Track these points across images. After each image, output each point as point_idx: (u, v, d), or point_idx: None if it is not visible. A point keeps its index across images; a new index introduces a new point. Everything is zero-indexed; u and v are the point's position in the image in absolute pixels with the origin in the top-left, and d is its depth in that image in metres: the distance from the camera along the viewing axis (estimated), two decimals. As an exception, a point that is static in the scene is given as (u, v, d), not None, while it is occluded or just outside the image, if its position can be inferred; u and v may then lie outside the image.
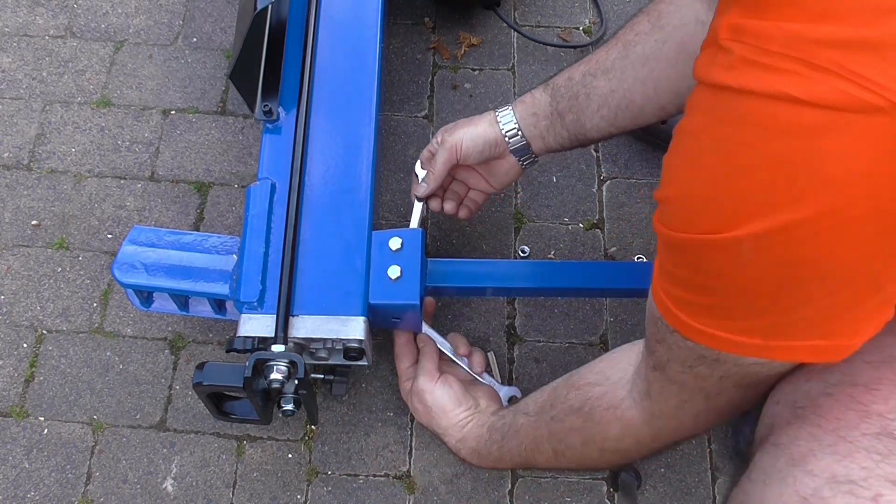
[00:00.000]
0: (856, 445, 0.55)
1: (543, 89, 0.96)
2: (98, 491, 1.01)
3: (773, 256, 0.51)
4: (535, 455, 0.85)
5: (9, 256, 1.15)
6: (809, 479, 0.55)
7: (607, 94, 0.91)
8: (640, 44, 0.90)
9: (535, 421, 0.84)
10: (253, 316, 0.90)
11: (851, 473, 0.54)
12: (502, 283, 0.98)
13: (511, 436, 0.87)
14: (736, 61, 0.49)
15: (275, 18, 1.06)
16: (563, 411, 0.80)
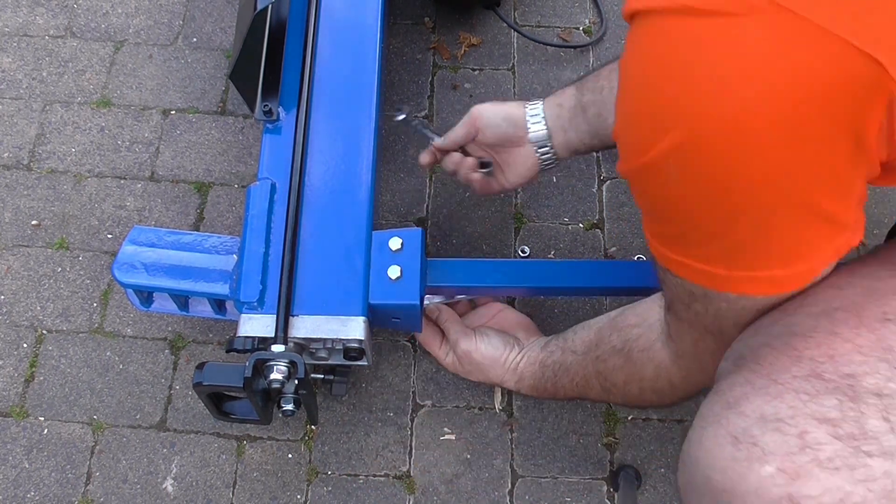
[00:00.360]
0: (785, 387, 0.57)
1: (573, 84, 0.96)
2: (98, 491, 1.01)
3: (694, 171, 0.53)
4: (586, 390, 0.89)
5: (9, 256, 1.15)
6: (741, 419, 0.58)
7: None
8: None
9: (582, 359, 0.88)
10: (253, 316, 0.90)
11: (780, 412, 0.56)
12: (502, 283, 0.98)
13: (562, 373, 0.91)
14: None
15: (275, 18, 1.06)
16: (606, 352, 0.84)
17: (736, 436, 0.57)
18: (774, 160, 0.51)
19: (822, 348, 0.58)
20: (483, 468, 1.03)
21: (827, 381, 0.56)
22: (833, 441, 0.53)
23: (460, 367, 1.01)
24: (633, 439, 1.05)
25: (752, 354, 0.63)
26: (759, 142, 0.50)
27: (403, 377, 1.08)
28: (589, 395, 0.90)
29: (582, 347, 0.89)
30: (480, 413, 1.06)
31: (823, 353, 0.58)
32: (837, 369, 0.56)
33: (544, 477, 1.03)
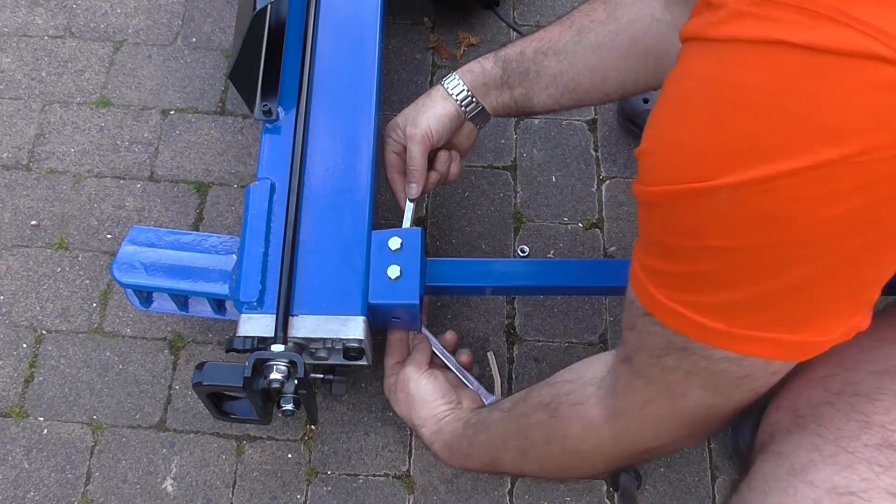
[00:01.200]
0: (857, 456, 0.55)
1: (494, 61, 0.97)
2: (98, 491, 1.01)
3: (749, 209, 0.48)
4: (501, 453, 0.82)
5: (8, 257, 1.15)
6: (810, 489, 0.55)
7: (557, 74, 0.93)
8: (594, 31, 0.91)
9: (507, 416, 0.82)
10: (252, 316, 0.89)
11: (852, 485, 0.54)
12: (502, 283, 0.98)
13: (482, 430, 0.85)
14: (727, 15, 0.47)
15: (274, 18, 1.06)
16: (531, 406, 0.78)
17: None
18: (849, 218, 0.46)
19: (893, 414, 0.55)
20: (483, 468, 1.03)
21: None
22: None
23: (393, 394, 0.96)
24: (633, 439, 1.05)
25: (812, 413, 0.60)
26: (841, 192, 0.45)
27: (403, 377, 1.08)
28: (502, 462, 0.83)
29: (509, 404, 0.83)
30: (480, 413, 1.06)
31: (894, 420, 0.55)
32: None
33: (544, 476, 1.03)
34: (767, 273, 0.50)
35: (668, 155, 0.52)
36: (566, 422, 0.73)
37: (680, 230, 0.53)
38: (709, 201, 0.49)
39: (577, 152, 1.23)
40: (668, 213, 0.53)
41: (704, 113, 0.49)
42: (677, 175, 0.51)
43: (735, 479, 0.98)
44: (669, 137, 0.52)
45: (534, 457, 0.79)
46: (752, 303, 0.52)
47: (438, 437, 0.90)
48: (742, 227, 0.49)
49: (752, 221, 0.48)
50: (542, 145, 1.24)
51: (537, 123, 1.26)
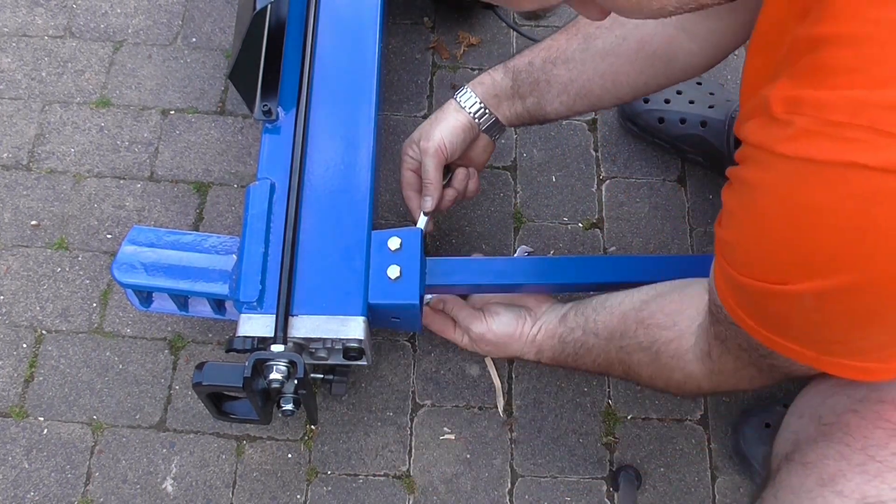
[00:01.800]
0: (886, 465, 0.55)
1: (504, 72, 0.98)
2: (98, 491, 1.01)
3: (835, 309, 0.51)
4: (609, 370, 0.89)
5: (8, 257, 1.15)
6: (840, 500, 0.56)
7: (567, 82, 0.95)
8: (601, 38, 0.92)
9: (605, 344, 0.86)
10: (252, 316, 0.89)
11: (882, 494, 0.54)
12: (502, 281, 0.98)
13: (584, 353, 0.90)
14: (798, 133, 0.48)
15: (274, 18, 1.06)
16: (631, 346, 0.83)
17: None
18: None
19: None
20: (483, 468, 1.03)
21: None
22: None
23: (479, 348, 0.99)
24: (633, 439, 1.05)
25: (837, 421, 0.60)
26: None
27: (403, 377, 1.08)
28: (612, 373, 0.91)
29: (605, 333, 0.87)
30: (480, 413, 1.06)
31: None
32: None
33: (544, 477, 1.03)
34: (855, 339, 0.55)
35: (750, 255, 0.56)
36: (668, 369, 0.80)
37: (769, 310, 0.57)
38: (794, 301, 0.53)
39: (577, 152, 1.23)
40: (754, 295, 0.57)
41: (782, 231, 0.51)
42: (762, 275, 0.54)
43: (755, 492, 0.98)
44: (751, 242, 0.55)
45: (638, 381, 0.87)
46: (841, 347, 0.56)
47: (542, 356, 0.95)
48: (828, 319, 0.53)
49: (837, 316, 0.52)
50: (542, 145, 1.24)
51: (537, 123, 1.26)
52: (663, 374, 0.80)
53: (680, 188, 1.21)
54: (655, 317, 0.81)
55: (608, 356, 0.87)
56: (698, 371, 0.76)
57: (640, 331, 0.82)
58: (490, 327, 0.96)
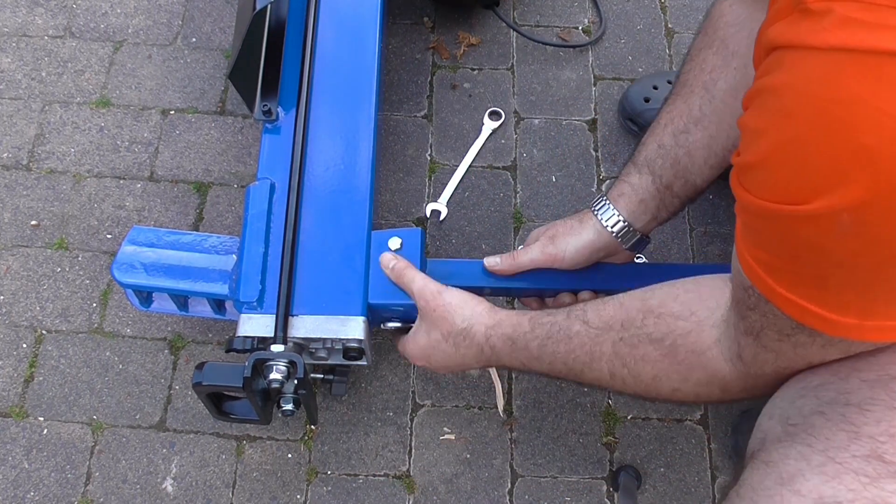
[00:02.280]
0: (844, 467, 0.54)
1: (638, 172, 0.89)
2: (98, 491, 1.01)
3: (874, 229, 0.46)
4: (585, 369, 0.77)
5: (8, 257, 1.15)
6: (797, 499, 0.55)
7: (709, 143, 0.85)
8: (721, 79, 0.84)
9: (597, 335, 0.76)
10: (252, 316, 0.89)
11: (839, 495, 0.54)
12: (502, 284, 0.98)
13: (561, 339, 0.78)
14: (836, 22, 0.44)
15: (274, 18, 1.06)
16: (637, 337, 0.73)
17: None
18: None
19: (882, 426, 0.55)
20: (483, 468, 1.03)
21: (888, 463, 0.53)
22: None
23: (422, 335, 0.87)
24: (633, 439, 1.05)
25: (804, 423, 0.59)
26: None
27: (403, 377, 1.08)
28: (583, 376, 0.78)
29: (597, 321, 0.76)
30: (480, 413, 1.06)
31: (884, 432, 0.55)
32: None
33: (544, 477, 1.03)
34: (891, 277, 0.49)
35: (778, 171, 0.50)
36: (686, 367, 0.70)
37: (801, 245, 0.51)
38: (831, 224, 0.48)
39: (577, 152, 1.23)
40: (787, 229, 0.52)
41: (815, 131, 0.46)
42: (793, 194, 0.49)
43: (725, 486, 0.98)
44: (779, 154, 0.50)
45: (631, 384, 0.75)
46: (882, 301, 0.51)
47: (497, 331, 0.82)
48: (867, 247, 0.48)
49: (877, 240, 0.47)
50: (542, 145, 1.24)
51: (537, 123, 1.26)
52: (678, 372, 0.71)
53: (680, 188, 1.21)
54: (667, 305, 0.72)
55: (595, 348, 0.75)
56: (727, 372, 0.68)
57: (650, 320, 0.72)
58: (449, 289, 0.85)
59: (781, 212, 0.50)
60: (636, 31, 1.35)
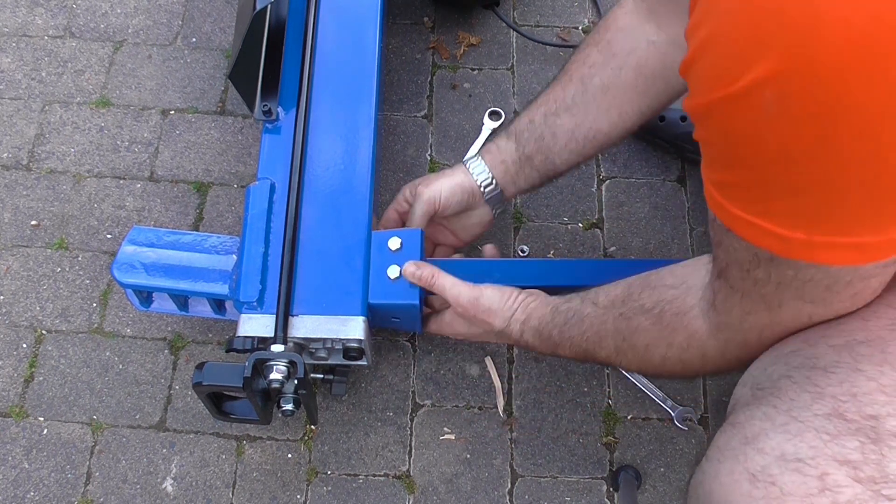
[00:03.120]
0: (806, 425, 0.56)
1: (506, 138, 0.98)
2: (98, 491, 1.01)
3: (798, 104, 0.45)
4: (595, 348, 0.82)
5: (8, 257, 1.15)
6: (760, 456, 0.56)
7: (573, 128, 0.93)
8: (597, 75, 0.91)
9: (603, 313, 0.81)
10: (252, 316, 0.90)
11: (800, 452, 0.55)
12: (501, 283, 0.98)
13: (575, 323, 0.83)
14: None
15: (274, 18, 1.06)
16: (632, 309, 0.77)
17: (754, 473, 0.56)
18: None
19: (845, 386, 0.56)
20: (483, 468, 1.03)
21: (849, 421, 0.54)
22: (853, 484, 0.52)
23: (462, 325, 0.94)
24: (633, 439, 1.05)
25: (771, 386, 0.61)
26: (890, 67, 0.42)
27: (403, 377, 1.08)
28: (596, 355, 0.82)
29: (605, 301, 0.81)
30: (480, 413, 1.06)
31: (846, 392, 0.56)
32: (860, 409, 0.55)
33: (544, 476, 1.03)
34: (836, 169, 0.48)
35: (707, 60, 0.50)
36: (670, 331, 0.73)
37: (735, 138, 0.51)
38: (755, 102, 0.47)
39: (577, 152, 1.23)
40: (720, 123, 0.52)
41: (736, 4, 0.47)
42: (720, 78, 0.49)
43: None
44: (706, 38, 0.50)
45: (632, 357, 0.79)
46: (827, 205, 0.50)
47: (528, 325, 0.89)
48: (795, 129, 0.47)
49: (803, 120, 0.46)
50: (542, 145, 1.24)
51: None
52: (664, 338, 0.73)
53: (680, 188, 1.21)
54: (664, 279, 0.76)
55: (602, 327, 0.80)
56: (703, 327, 0.70)
57: (646, 293, 0.76)
58: (483, 291, 0.90)
59: (714, 101, 0.50)
60: (636, 31, 1.35)
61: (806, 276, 0.57)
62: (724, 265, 0.63)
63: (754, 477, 0.56)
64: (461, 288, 0.91)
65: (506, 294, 0.90)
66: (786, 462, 0.55)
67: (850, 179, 0.48)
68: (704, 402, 1.07)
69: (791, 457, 0.55)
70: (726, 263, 0.62)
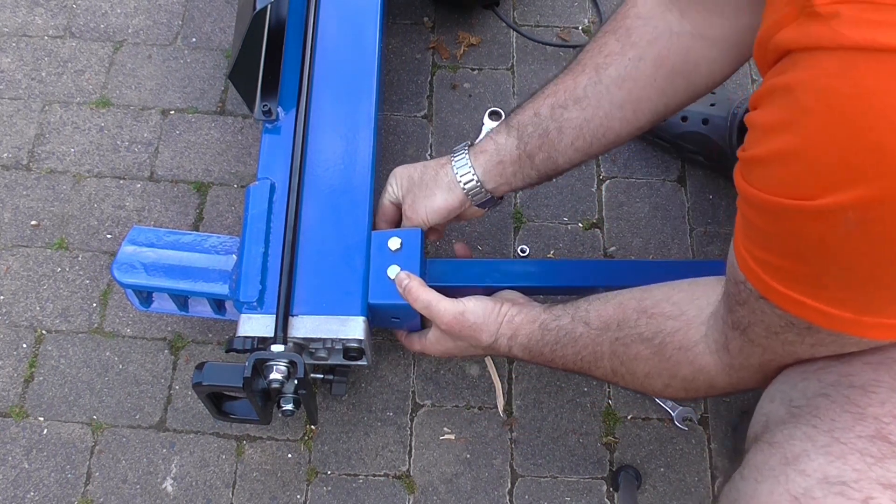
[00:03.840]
0: (849, 447, 0.55)
1: (507, 132, 0.90)
2: (98, 491, 1.01)
3: (881, 229, 0.47)
4: (592, 368, 0.81)
5: (8, 257, 1.15)
6: (801, 478, 0.55)
7: (581, 124, 0.86)
8: (613, 65, 0.84)
9: (597, 335, 0.79)
10: (252, 316, 0.89)
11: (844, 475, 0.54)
12: (502, 283, 0.98)
13: (567, 343, 0.82)
14: (846, 23, 0.45)
15: (274, 18, 1.06)
16: (630, 336, 0.75)
17: (796, 496, 0.55)
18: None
19: (887, 406, 0.56)
20: (483, 468, 1.03)
21: (893, 444, 0.54)
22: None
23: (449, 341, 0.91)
24: (633, 439, 1.05)
25: (808, 404, 0.60)
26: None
27: (403, 377, 1.08)
28: (592, 373, 0.82)
29: (598, 322, 0.79)
30: (480, 413, 1.06)
31: (888, 413, 0.55)
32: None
33: (544, 476, 1.03)
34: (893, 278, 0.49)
35: (788, 165, 0.50)
36: (674, 364, 0.72)
37: (800, 241, 0.52)
38: (837, 222, 0.48)
39: (577, 152, 1.23)
40: (788, 224, 0.52)
41: (824, 125, 0.47)
42: (797, 189, 0.49)
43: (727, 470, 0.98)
44: (790, 150, 0.50)
45: (630, 381, 0.78)
46: (880, 299, 0.52)
47: (515, 341, 0.86)
48: (872, 246, 0.48)
49: (883, 241, 0.47)
50: (542, 145, 1.24)
51: (537, 123, 1.26)
52: (667, 369, 0.73)
53: (680, 188, 1.21)
54: (660, 306, 0.74)
55: (597, 349, 0.79)
56: (712, 365, 0.69)
57: (643, 320, 0.75)
58: (467, 305, 0.87)
59: (787, 207, 0.50)
60: (636, 31, 1.35)
61: (849, 343, 0.58)
62: (745, 323, 0.62)
63: (796, 500, 0.55)
64: (445, 304, 0.88)
65: (489, 307, 0.88)
66: (829, 485, 0.54)
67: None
68: (705, 403, 1.07)
69: (835, 480, 0.54)
70: (749, 322, 0.62)
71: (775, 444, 0.59)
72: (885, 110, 0.44)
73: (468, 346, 0.91)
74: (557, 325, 0.83)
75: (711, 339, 0.69)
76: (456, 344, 0.92)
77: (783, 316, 0.57)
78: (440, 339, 0.92)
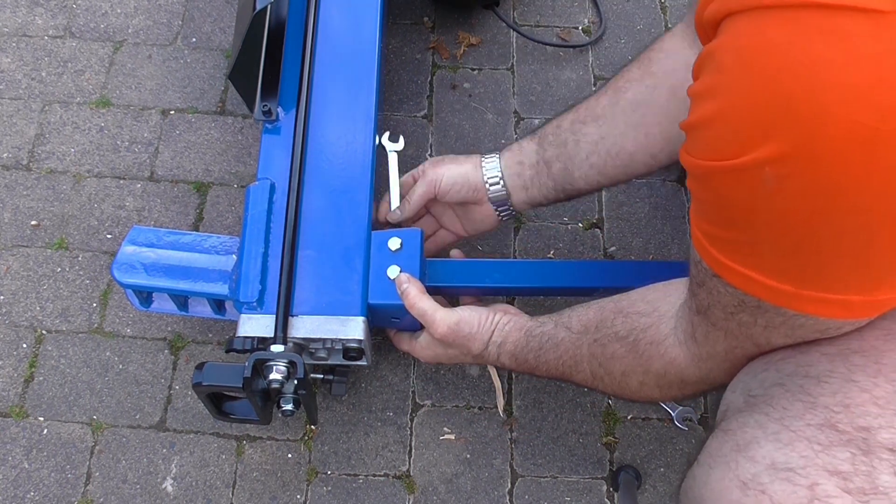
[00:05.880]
0: (798, 435, 0.56)
1: (531, 138, 0.96)
2: (98, 491, 1.01)
3: (800, 185, 0.47)
4: (572, 372, 0.83)
5: (8, 257, 1.15)
6: (750, 464, 0.57)
7: (597, 140, 0.91)
8: (631, 90, 0.89)
9: (577, 338, 0.81)
10: (252, 316, 0.90)
11: (791, 462, 0.55)
12: (502, 283, 0.98)
13: (550, 348, 0.84)
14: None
15: (274, 18, 1.06)
16: (606, 336, 0.78)
17: (745, 481, 0.56)
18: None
19: (838, 396, 0.56)
20: (483, 468, 1.03)
21: (841, 432, 0.55)
22: (843, 494, 0.52)
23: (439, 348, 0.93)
24: (633, 439, 1.05)
25: (764, 394, 0.61)
26: (890, 156, 0.44)
27: (403, 377, 1.08)
28: (573, 379, 0.84)
29: (578, 326, 0.82)
30: (480, 413, 1.06)
31: (839, 402, 0.56)
32: (852, 421, 0.55)
33: (544, 476, 1.03)
34: (824, 241, 0.50)
35: (711, 128, 0.52)
36: (646, 359, 0.74)
37: (729, 204, 0.53)
38: (754, 179, 0.49)
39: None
40: (718, 188, 0.53)
41: (739, 83, 0.48)
42: (720, 149, 0.51)
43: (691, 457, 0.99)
44: (713, 111, 0.51)
45: (609, 382, 0.80)
46: (818, 267, 0.52)
47: (503, 349, 0.89)
48: (792, 203, 0.49)
49: (800, 197, 0.48)
50: (542, 145, 1.24)
51: (537, 123, 1.26)
52: (640, 365, 0.75)
53: (680, 188, 1.21)
54: (636, 305, 0.77)
55: (577, 352, 0.81)
56: (681, 357, 0.71)
57: (619, 320, 0.77)
58: (462, 314, 0.90)
59: (714, 169, 0.52)
60: (636, 31, 1.35)
61: (797, 323, 0.58)
62: (706, 305, 0.64)
63: (745, 485, 0.56)
64: (440, 314, 0.89)
65: (483, 317, 0.90)
66: (776, 471, 0.55)
67: (840, 249, 0.50)
68: (704, 402, 1.07)
69: (782, 466, 0.55)
70: (709, 304, 0.63)
71: (729, 432, 0.61)
72: (791, 63, 0.45)
73: (458, 353, 0.93)
74: (541, 332, 0.86)
75: (680, 329, 0.70)
76: (446, 351, 0.93)
77: (735, 293, 0.58)
78: (431, 344, 0.94)
